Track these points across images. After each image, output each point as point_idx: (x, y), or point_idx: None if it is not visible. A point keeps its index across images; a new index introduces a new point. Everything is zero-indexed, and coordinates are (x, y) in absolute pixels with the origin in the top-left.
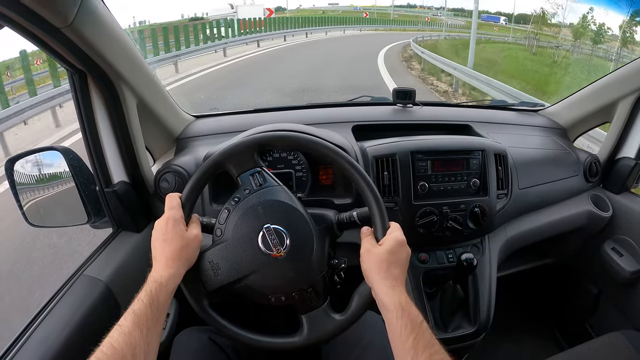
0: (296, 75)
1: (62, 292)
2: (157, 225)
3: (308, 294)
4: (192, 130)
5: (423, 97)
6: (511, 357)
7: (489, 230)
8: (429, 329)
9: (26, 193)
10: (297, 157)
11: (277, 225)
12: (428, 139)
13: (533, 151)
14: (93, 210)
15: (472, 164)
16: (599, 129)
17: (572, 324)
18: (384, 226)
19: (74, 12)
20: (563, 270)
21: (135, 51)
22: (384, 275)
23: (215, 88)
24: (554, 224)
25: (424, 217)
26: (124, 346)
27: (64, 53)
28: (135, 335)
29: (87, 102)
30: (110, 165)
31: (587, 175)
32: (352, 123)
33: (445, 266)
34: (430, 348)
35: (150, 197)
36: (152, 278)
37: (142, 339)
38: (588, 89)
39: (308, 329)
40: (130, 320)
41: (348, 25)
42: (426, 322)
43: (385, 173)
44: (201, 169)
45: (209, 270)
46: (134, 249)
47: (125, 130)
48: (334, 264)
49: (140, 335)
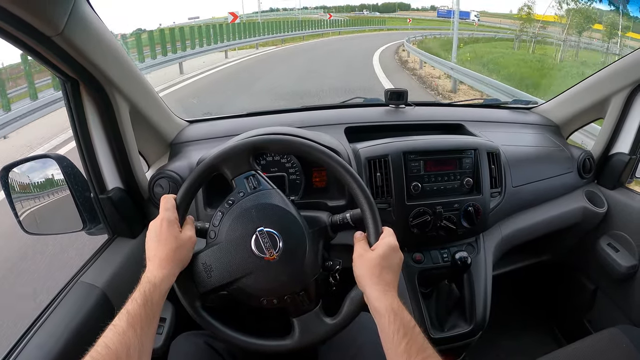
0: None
1: (58, 299)
2: (152, 226)
3: (300, 297)
4: (185, 136)
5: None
6: (509, 354)
7: (483, 229)
8: (422, 333)
9: (21, 201)
10: (291, 160)
11: (271, 229)
12: (420, 139)
13: (526, 149)
14: (88, 217)
15: (464, 163)
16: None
17: (570, 320)
18: (376, 231)
19: (65, 20)
20: (559, 267)
21: (126, 58)
22: (376, 281)
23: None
24: (548, 221)
25: (418, 217)
26: (118, 346)
27: (56, 61)
28: (130, 335)
29: (79, 110)
30: (105, 172)
31: (581, 172)
32: (344, 125)
33: (440, 266)
34: (423, 352)
35: (145, 202)
36: (146, 278)
37: (136, 339)
38: (580, 85)
39: (299, 332)
40: (124, 320)
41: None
42: (419, 325)
43: (378, 174)
44: (196, 172)
45: (202, 272)
46: (130, 255)
47: (119, 137)
48: (329, 266)
49: (135, 335)
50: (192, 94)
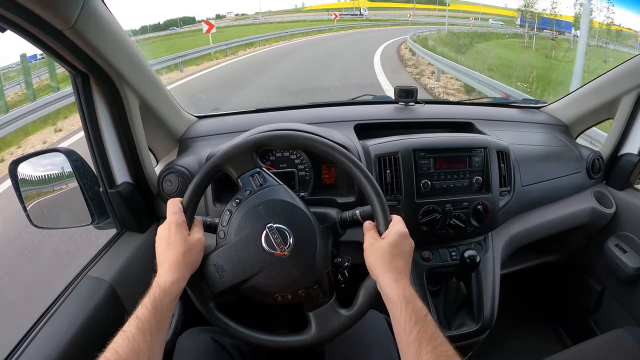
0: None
1: (66, 292)
2: (160, 231)
3: (314, 291)
4: (194, 131)
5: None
6: (515, 354)
7: (492, 228)
8: (433, 322)
9: (30, 195)
10: (300, 156)
11: (280, 224)
12: (430, 137)
13: (535, 148)
14: (97, 211)
15: (474, 162)
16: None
17: (576, 321)
18: (385, 219)
19: (76, 14)
20: (566, 268)
21: (137, 52)
22: (388, 269)
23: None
24: (557, 221)
25: (427, 215)
26: (128, 352)
27: (66, 55)
28: (139, 341)
29: (90, 104)
30: (114, 166)
31: (590, 172)
32: (354, 122)
33: (449, 264)
34: (434, 340)
35: (154, 197)
36: (156, 283)
37: (146, 345)
38: (590, 85)
39: (316, 325)
40: (134, 326)
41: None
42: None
43: (388, 171)
44: (201, 173)
45: (214, 273)
46: (138, 249)
47: (128, 132)
48: (338, 263)
49: (144, 341)
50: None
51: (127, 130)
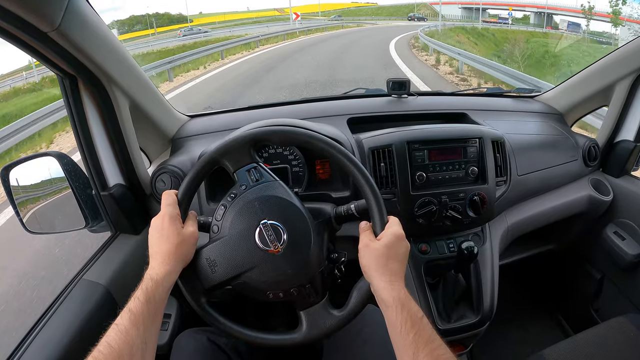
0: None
1: (62, 297)
2: (154, 223)
3: (307, 290)
4: (186, 130)
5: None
6: (516, 344)
7: (489, 218)
8: (430, 324)
9: (23, 201)
10: (293, 152)
11: (274, 221)
12: (424, 129)
13: (531, 137)
14: (90, 215)
15: (469, 152)
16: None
17: (577, 310)
18: (382, 220)
19: (61, 15)
20: (565, 256)
21: (125, 52)
22: (383, 271)
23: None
24: (554, 210)
25: (423, 207)
26: (121, 344)
27: (53, 57)
28: (132, 334)
29: (78, 106)
30: (106, 169)
31: (587, 160)
32: (347, 115)
33: (447, 256)
34: (431, 343)
35: (147, 198)
36: (149, 275)
37: (139, 337)
38: (584, 72)
39: (307, 325)
40: (126, 319)
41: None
42: (427, 316)
43: (382, 164)
44: (197, 166)
45: (206, 268)
46: (133, 251)
47: (119, 133)
48: (334, 258)
49: (137, 334)
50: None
51: (118, 131)
